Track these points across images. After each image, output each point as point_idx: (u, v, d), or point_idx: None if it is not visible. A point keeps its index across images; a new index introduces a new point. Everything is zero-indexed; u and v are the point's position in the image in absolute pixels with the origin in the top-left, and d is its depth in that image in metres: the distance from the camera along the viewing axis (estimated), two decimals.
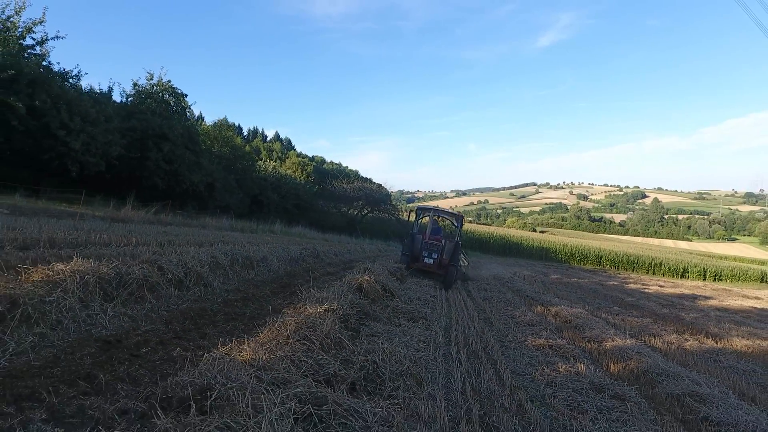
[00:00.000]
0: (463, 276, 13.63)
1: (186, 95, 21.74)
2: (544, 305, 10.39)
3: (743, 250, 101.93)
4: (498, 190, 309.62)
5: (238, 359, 2.76)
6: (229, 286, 6.07)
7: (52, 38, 14.96)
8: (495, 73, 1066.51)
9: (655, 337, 8.51)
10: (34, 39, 14.82)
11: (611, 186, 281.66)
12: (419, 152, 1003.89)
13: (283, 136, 63.05)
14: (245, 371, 2.53)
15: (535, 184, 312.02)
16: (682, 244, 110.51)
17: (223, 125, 31.06)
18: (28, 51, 14.62)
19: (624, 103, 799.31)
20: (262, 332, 3.51)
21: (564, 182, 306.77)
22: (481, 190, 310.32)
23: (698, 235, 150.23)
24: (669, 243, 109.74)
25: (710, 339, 9.35)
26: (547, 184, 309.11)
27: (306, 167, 42.18)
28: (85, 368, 2.85)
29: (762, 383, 6.14)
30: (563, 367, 5.14)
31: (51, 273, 3.78)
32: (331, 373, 2.99)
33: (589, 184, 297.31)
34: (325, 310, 4.07)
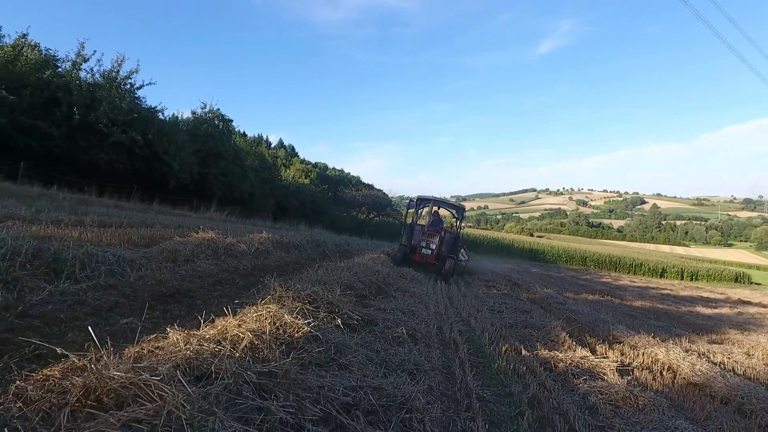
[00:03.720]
0: (461, 270, 13.93)
1: (231, 120, 26.81)
2: (507, 278, 14.98)
3: (739, 255, 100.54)
4: (498, 195, 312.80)
5: (357, 262, 7.53)
6: (314, 252, 10.82)
7: (146, 84, 20.01)
8: (495, 80, 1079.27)
9: (571, 293, 13.04)
10: (131, 84, 19.84)
11: (611, 192, 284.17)
12: (419, 158, 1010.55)
13: (285, 142, 66.28)
14: (364, 263, 7.29)
15: (534, 190, 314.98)
16: (679, 250, 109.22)
17: (252, 141, 35.90)
18: (129, 95, 19.61)
19: (623, 109, 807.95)
20: (354, 260, 8.25)
21: (563, 188, 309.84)
22: (481, 196, 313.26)
23: (695, 241, 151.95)
24: (665, 248, 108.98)
25: (615, 299, 13.78)
26: (547, 190, 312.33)
27: (309, 173, 44.13)
28: (295, 267, 7.59)
29: (618, 312, 10.69)
30: (496, 292, 9.83)
31: (259, 237, 8.55)
32: (387, 271, 7.74)
33: (589, 190, 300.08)
34: (377, 256, 8.84)
